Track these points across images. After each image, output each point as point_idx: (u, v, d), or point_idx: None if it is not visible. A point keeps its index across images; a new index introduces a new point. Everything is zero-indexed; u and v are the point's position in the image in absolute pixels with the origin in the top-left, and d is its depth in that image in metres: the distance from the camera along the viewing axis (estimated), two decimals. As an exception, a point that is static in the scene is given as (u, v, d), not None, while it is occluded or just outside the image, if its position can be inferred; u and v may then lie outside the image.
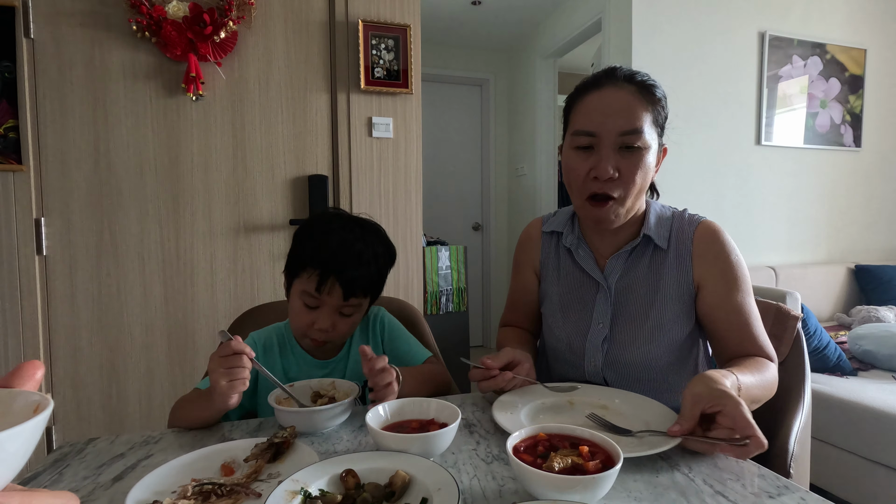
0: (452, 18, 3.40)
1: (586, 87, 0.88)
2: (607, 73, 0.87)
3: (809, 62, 2.75)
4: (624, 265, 0.93)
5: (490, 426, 0.75)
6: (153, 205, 1.64)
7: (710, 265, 0.88)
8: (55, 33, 1.53)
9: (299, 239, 0.92)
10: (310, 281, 0.87)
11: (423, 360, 0.98)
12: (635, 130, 0.82)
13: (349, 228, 0.90)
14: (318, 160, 1.79)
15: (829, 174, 2.88)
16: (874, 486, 1.72)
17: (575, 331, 0.95)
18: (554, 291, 1.00)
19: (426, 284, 2.60)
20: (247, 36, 1.69)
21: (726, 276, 0.87)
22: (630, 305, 0.92)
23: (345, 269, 0.86)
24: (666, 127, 0.92)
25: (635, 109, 0.83)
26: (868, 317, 2.40)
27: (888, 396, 1.77)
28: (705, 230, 0.90)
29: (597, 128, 0.83)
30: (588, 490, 0.50)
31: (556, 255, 1.02)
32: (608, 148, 0.83)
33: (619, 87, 0.84)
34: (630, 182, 0.84)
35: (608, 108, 0.83)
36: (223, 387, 0.71)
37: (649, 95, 0.85)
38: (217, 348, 0.74)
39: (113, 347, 1.61)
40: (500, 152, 4.10)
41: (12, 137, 1.49)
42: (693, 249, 0.89)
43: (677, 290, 0.89)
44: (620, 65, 0.89)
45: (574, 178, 0.88)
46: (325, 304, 0.88)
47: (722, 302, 0.86)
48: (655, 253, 0.92)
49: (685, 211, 0.96)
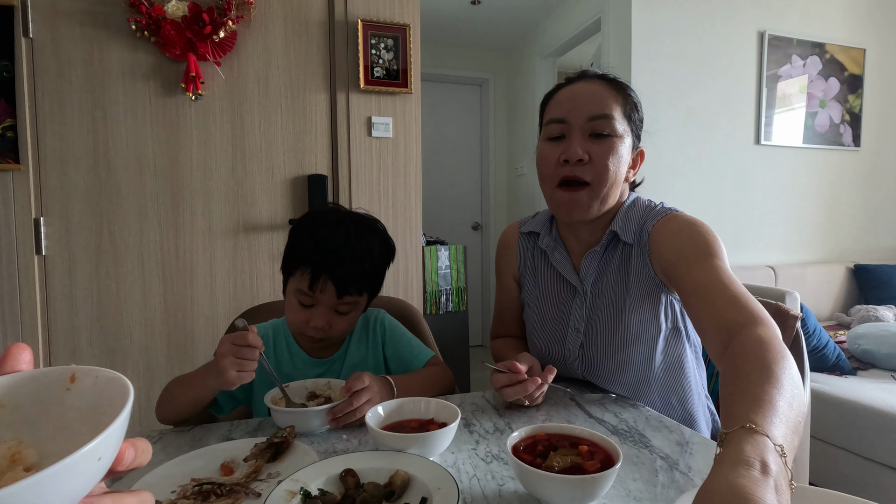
0: (452, 18, 3.40)
1: (559, 86, 0.91)
2: (580, 73, 0.91)
3: (809, 62, 2.75)
4: (598, 265, 0.90)
5: (490, 426, 0.75)
6: (152, 204, 1.63)
7: (667, 248, 0.80)
8: (54, 33, 1.52)
9: (293, 236, 0.90)
10: (303, 279, 0.85)
11: (426, 361, 0.97)
12: (604, 115, 0.83)
13: (343, 224, 0.88)
14: (318, 160, 1.79)
15: (829, 174, 2.88)
16: (874, 485, 1.72)
17: (552, 338, 0.94)
18: (532, 299, 0.99)
19: (426, 284, 2.60)
20: (246, 35, 1.69)
21: (684, 249, 0.78)
22: (603, 310, 0.89)
23: (337, 267, 0.84)
24: (644, 133, 0.92)
25: (605, 97, 0.85)
26: (867, 316, 2.40)
27: (887, 396, 1.77)
28: (666, 219, 0.84)
29: (566, 114, 0.85)
30: (587, 490, 0.50)
31: (532, 260, 1.00)
32: (578, 133, 0.84)
33: (588, 81, 0.87)
34: (602, 167, 0.83)
35: (578, 97, 0.86)
36: (231, 375, 0.70)
37: (620, 90, 0.87)
38: (231, 333, 0.74)
39: (112, 347, 1.61)
40: (499, 152, 4.10)
41: (10, 137, 1.49)
42: (649, 242, 0.84)
43: (645, 287, 0.85)
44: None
45: (545, 165, 0.88)
46: (320, 302, 0.86)
47: (684, 274, 0.76)
48: (624, 250, 0.88)
49: (661, 204, 0.90)
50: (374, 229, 0.92)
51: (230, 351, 0.71)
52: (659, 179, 2.49)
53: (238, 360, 0.71)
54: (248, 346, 0.71)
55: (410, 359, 0.97)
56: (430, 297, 2.62)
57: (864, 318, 2.41)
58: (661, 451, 0.66)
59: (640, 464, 0.63)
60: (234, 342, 0.71)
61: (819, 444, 1.88)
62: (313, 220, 0.90)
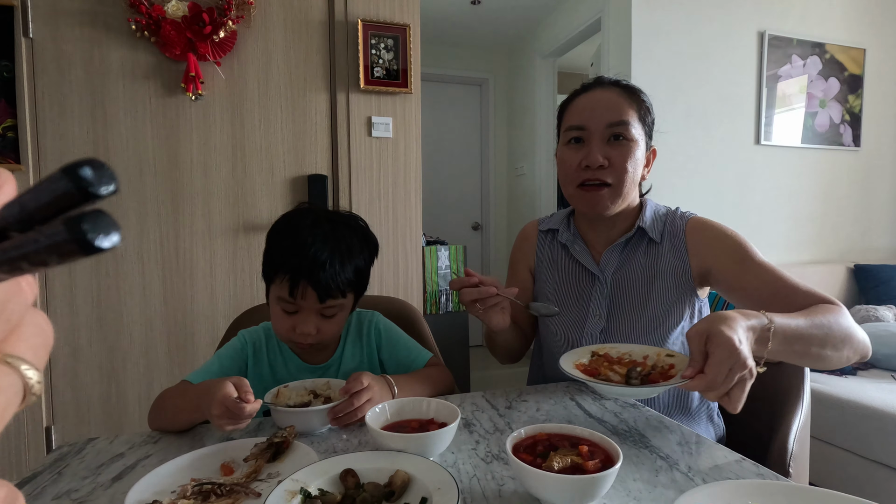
0: (452, 18, 3.40)
1: (576, 92, 0.96)
2: (595, 80, 0.96)
3: (809, 62, 2.75)
4: (619, 257, 0.95)
5: (490, 426, 0.75)
6: (152, 204, 1.63)
7: (710, 247, 0.89)
8: (54, 33, 1.52)
9: (269, 242, 0.87)
10: (283, 286, 0.81)
11: (425, 362, 0.96)
12: (622, 122, 0.88)
13: (319, 225, 0.84)
14: (318, 160, 1.79)
15: (829, 174, 2.88)
16: (873, 485, 1.72)
17: (571, 323, 0.96)
18: (549, 286, 1.01)
19: (426, 284, 2.60)
20: (246, 35, 1.69)
21: (730, 248, 0.88)
22: (627, 297, 0.93)
23: (316, 272, 0.80)
24: (654, 133, 0.97)
25: (622, 105, 0.90)
26: (867, 316, 2.40)
27: (887, 396, 1.77)
28: (695, 222, 0.93)
29: (586, 121, 0.90)
30: (587, 490, 0.50)
31: (551, 252, 1.04)
32: (597, 139, 0.89)
33: (605, 89, 0.92)
34: (622, 170, 0.88)
35: (597, 104, 0.90)
36: (227, 430, 0.67)
37: (634, 95, 0.92)
38: (224, 399, 0.65)
39: (112, 347, 1.61)
40: (499, 152, 4.10)
41: (11, 137, 1.49)
42: (687, 241, 0.92)
43: (674, 278, 0.91)
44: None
45: (566, 169, 0.93)
46: (303, 308, 0.83)
47: (741, 269, 0.86)
48: (650, 245, 0.94)
49: (677, 209, 0.99)
50: (354, 227, 0.89)
51: (225, 414, 0.66)
52: (659, 179, 2.48)
53: (232, 422, 0.66)
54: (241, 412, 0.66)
55: (408, 363, 0.95)
56: (430, 297, 2.62)
57: (863, 318, 2.41)
58: (661, 451, 0.66)
59: (640, 464, 0.63)
60: (231, 409, 0.65)
61: (819, 444, 1.88)
62: (288, 222, 0.86)
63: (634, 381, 0.70)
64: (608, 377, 0.74)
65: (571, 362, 0.78)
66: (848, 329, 0.74)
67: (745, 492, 0.50)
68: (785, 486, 0.52)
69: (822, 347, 0.72)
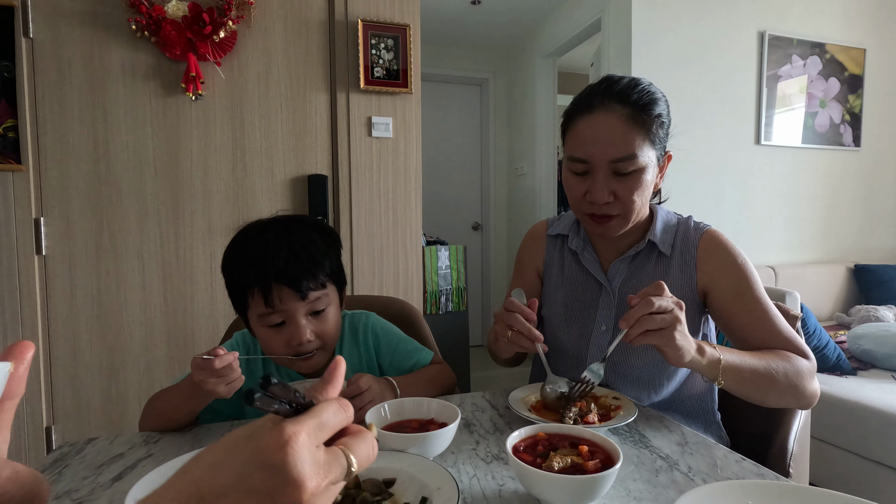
0: (452, 18, 3.40)
1: (580, 110, 0.85)
2: (603, 91, 0.83)
3: (809, 62, 2.75)
4: (628, 269, 0.93)
5: (490, 426, 0.75)
6: (152, 204, 1.63)
7: (718, 270, 0.88)
8: (54, 33, 1.52)
9: (226, 271, 0.84)
10: (257, 302, 0.78)
11: (429, 361, 0.96)
12: (627, 157, 0.80)
13: (268, 229, 0.83)
14: (318, 160, 1.79)
15: (829, 174, 2.88)
16: (874, 485, 1.72)
17: (578, 333, 0.95)
18: (558, 294, 1.00)
19: (426, 284, 2.60)
20: (246, 35, 1.69)
21: (735, 277, 0.86)
22: None
23: (282, 269, 0.77)
24: (670, 132, 0.90)
25: (627, 135, 0.80)
26: (867, 316, 2.40)
27: (887, 396, 1.77)
28: (710, 238, 0.90)
29: (588, 156, 0.82)
30: (588, 490, 0.50)
31: (560, 258, 1.02)
32: (601, 174, 0.82)
33: (610, 113, 0.81)
34: (628, 202, 0.84)
35: (599, 138, 0.81)
36: (222, 391, 0.69)
37: (644, 116, 0.81)
38: (193, 360, 0.71)
39: (112, 347, 1.61)
40: (499, 152, 4.10)
41: (11, 137, 1.49)
42: (698, 256, 0.89)
43: (681, 294, 0.89)
44: (616, 75, 0.85)
45: (572, 195, 0.89)
46: (288, 315, 0.79)
47: (735, 301, 0.86)
48: (659, 258, 0.92)
49: (690, 218, 0.96)
50: (308, 222, 0.86)
51: (212, 374, 0.69)
52: (659, 179, 2.48)
53: (221, 378, 0.69)
54: (223, 367, 0.69)
55: (411, 367, 0.94)
56: (430, 297, 2.62)
57: (864, 318, 2.41)
58: (661, 451, 0.66)
59: (640, 464, 0.63)
60: (210, 369, 0.69)
61: (819, 444, 1.88)
62: (237, 242, 0.84)
63: (568, 420, 0.72)
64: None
65: (520, 398, 0.82)
66: (797, 382, 0.78)
67: (745, 492, 0.51)
68: (785, 486, 0.52)
69: (763, 393, 0.78)
